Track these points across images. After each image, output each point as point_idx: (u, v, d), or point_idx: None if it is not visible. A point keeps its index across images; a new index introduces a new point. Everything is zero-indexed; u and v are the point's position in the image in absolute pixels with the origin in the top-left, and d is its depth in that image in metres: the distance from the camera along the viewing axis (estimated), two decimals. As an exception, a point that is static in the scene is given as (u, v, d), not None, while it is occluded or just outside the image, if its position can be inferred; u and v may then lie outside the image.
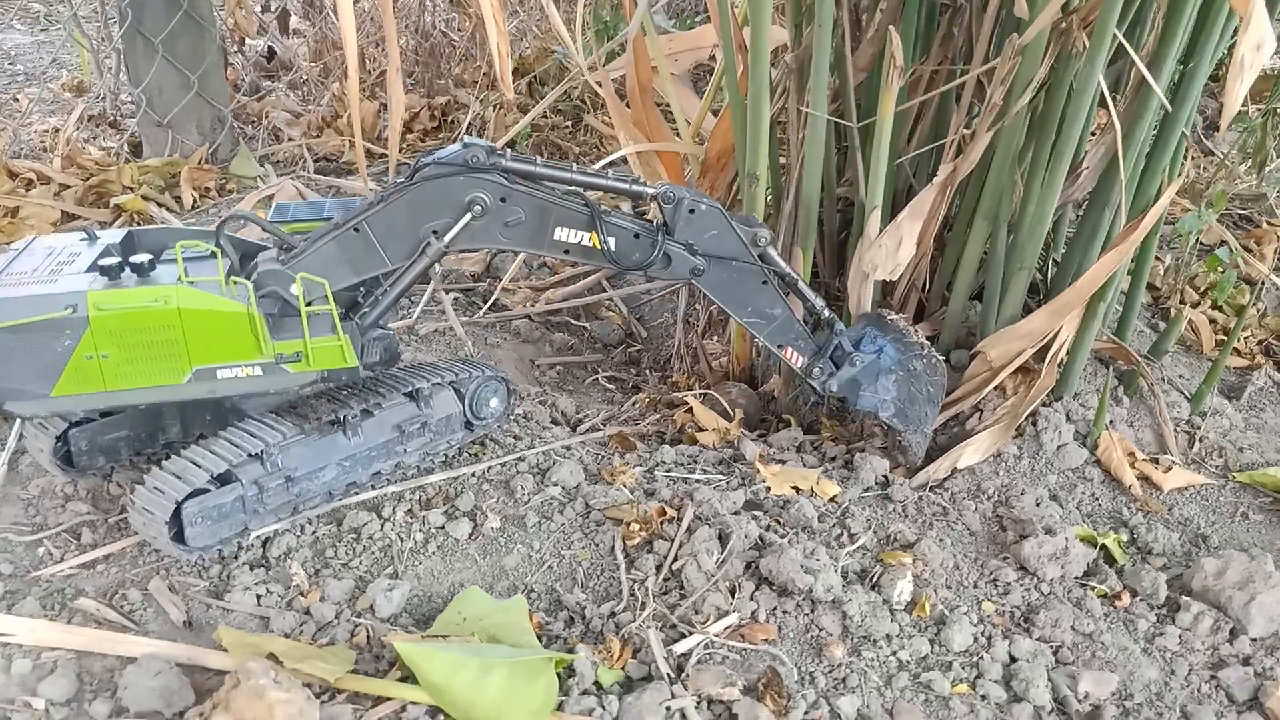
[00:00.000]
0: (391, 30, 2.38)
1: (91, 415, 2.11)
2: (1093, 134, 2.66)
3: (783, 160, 2.80)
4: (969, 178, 2.51)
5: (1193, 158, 3.88)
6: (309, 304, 1.94)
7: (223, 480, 1.94)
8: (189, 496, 1.88)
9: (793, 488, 2.25)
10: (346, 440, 2.09)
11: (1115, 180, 2.40)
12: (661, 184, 2.14)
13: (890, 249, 2.48)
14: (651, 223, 2.17)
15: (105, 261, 1.86)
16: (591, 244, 2.12)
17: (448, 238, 2.02)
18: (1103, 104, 2.28)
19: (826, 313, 2.35)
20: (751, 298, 2.27)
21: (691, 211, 2.14)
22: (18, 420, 2.29)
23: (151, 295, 1.84)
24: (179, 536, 1.91)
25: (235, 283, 1.89)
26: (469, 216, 2.01)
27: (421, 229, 2.02)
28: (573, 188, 2.12)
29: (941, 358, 2.43)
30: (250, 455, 1.94)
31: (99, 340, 1.82)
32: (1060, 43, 2.29)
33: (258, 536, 2.02)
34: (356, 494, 2.15)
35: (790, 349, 2.34)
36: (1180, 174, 2.45)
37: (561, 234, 2.10)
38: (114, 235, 2.06)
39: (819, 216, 2.62)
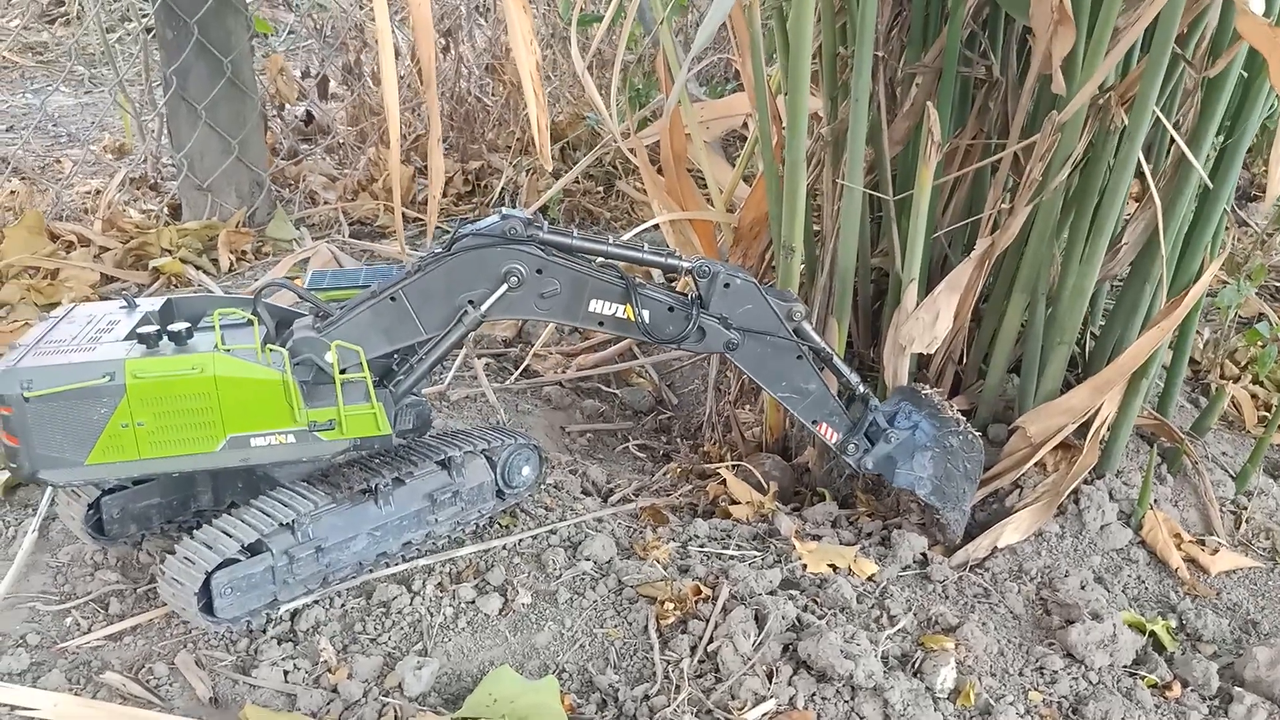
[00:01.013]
0: (434, 102, 2.40)
1: (124, 483, 2.11)
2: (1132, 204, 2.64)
3: (816, 230, 2.80)
4: (1005, 250, 2.50)
5: (1229, 229, 3.84)
6: (343, 371, 1.94)
7: (253, 550, 1.92)
8: (219, 567, 1.86)
9: (830, 565, 2.20)
10: (378, 509, 2.07)
11: (1155, 254, 2.37)
12: (697, 258, 2.13)
13: (927, 322, 2.45)
14: (685, 296, 2.16)
15: (143, 330, 1.87)
16: (626, 316, 2.11)
17: (484, 308, 2.02)
18: (1141, 178, 2.27)
19: (861, 388, 2.32)
20: (786, 372, 2.25)
21: (726, 286, 2.13)
22: (49, 487, 2.29)
23: (188, 364, 1.84)
24: (208, 607, 1.89)
25: (270, 350, 1.89)
26: (505, 287, 2.01)
27: (458, 299, 2.02)
28: (608, 260, 2.12)
29: (978, 434, 2.39)
30: (281, 524, 1.93)
31: (135, 408, 1.82)
32: (1099, 119, 2.29)
33: (286, 609, 2.00)
34: (387, 565, 2.12)
35: (825, 425, 2.31)
36: (1221, 249, 2.42)
37: (596, 306, 2.10)
38: (153, 303, 2.07)
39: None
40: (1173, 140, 2.29)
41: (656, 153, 3.38)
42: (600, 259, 2.11)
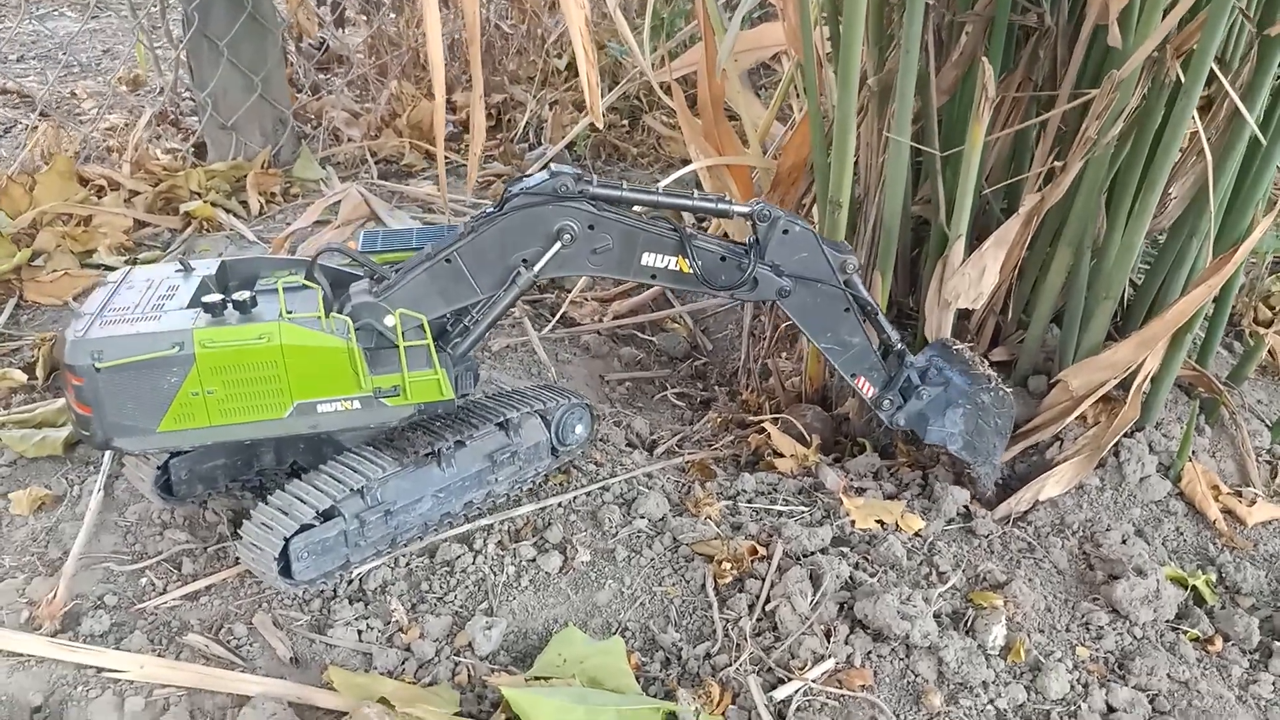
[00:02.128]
0: (477, 56, 2.38)
1: None
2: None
3: (855, 178, 2.79)
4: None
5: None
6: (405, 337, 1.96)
7: (326, 516, 1.97)
8: (296, 533, 1.91)
9: (877, 521, 2.25)
10: (441, 472, 2.12)
11: (1204, 209, 2.37)
12: (757, 202, 2.14)
13: (973, 278, 2.47)
14: (736, 245, 2.17)
15: (208, 299, 1.89)
16: (679, 268, 2.13)
17: (538, 267, 2.03)
18: (1192, 132, 2.25)
19: (899, 345, 2.34)
20: (833, 323, 2.27)
21: (785, 232, 2.14)
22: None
23: (255, 333, 1.87)
24: (285, 570, 1.95)
25: (335, 318, 1.91)
26: (558, 245, 2.02)
27: (511, 258, 2.04)
28: (658, 210, 2.12)
29: (1008, 390, 2.42)
30: (352, 490, 1.98)
31: (204, 377, 1.85)
32: (1153, 72, 2.27)
33: (356, 572, 2.06)
34: (450, 525, 2.18)
35: (863, 378, 2.33)
36: (1275, 205, 2.42)
37: (649, 259, 2.11)
38: (208, 266, 2.09)
39: (895, 237, 2.60)
40: (1226, 94, 2.27)
41: (685, 87, 3.35)
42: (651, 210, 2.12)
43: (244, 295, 1.91)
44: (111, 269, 3.23)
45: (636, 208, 2.13)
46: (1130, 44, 2.21)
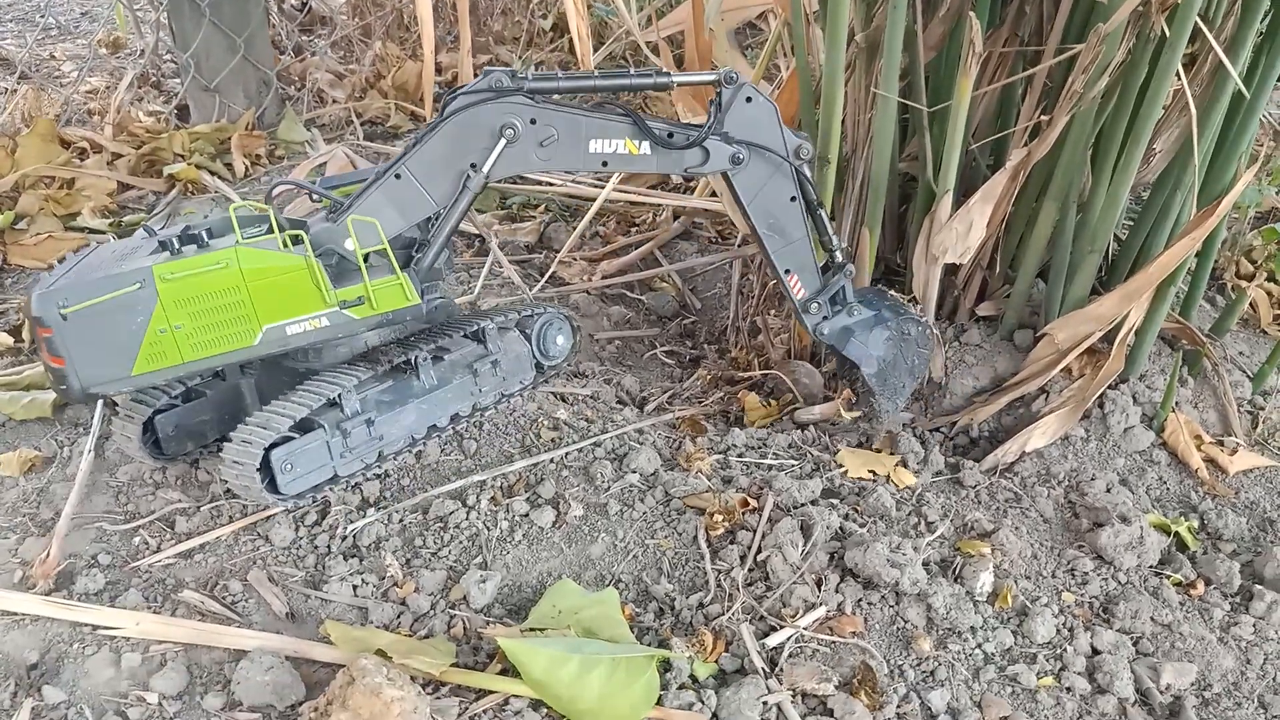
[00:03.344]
0: (465, 16, 2.36)
1: (174, 400, 2.17)
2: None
3: (842, 138, 2.79)
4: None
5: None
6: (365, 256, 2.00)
7: (305, 427, 2.01)
8: (277, 444, 1.96)
9: (870, 472, 2.28)
10: (419, 382, 2.16)
11: (1188, 163, 2.38)
12: (725, 69, 2.14)
13: (960, 232, 2.48)
14: (686, 125, 2.17)
15: (164, 237, 1.92)
16: (628, 151, 2.13)
17: (486, 167, 2.05)
18: (1176, 85, 2.26)
19: (839, 255, 2.33)
20: (777, 210, 2.26)
21: (749, 100, 2.14)
22: (99, 405, 2.33)
23: (214, 259, 1.90)
24: (272, 486, 1.99)
25: (293, 238, 1.94)
26: (503, 142, 2.04)
27: (460, 163, 2.06)
28: (607, 102, 2.13)
29: (937, 331, 2.45)
30: (329, 401, 2.02)
31: (169, 312, 1.88)
32: (1138, 26, 2.27)
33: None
34: (439, 436, 2.24)
35: (796, 278, 2.33)
36: (1257, 159, 2.43)
37: (597, 145, 2.11)
38: (172, 230, 2.09)
39: (881, 193, 2.61)
40: (1210, 48, 2.28)
41: (672, 47, 3.33)
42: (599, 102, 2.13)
43: (199, 232, 1.94)
44: (97, 232, 3.22)
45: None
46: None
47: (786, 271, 2.32)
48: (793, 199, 2.25)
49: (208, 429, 2.25)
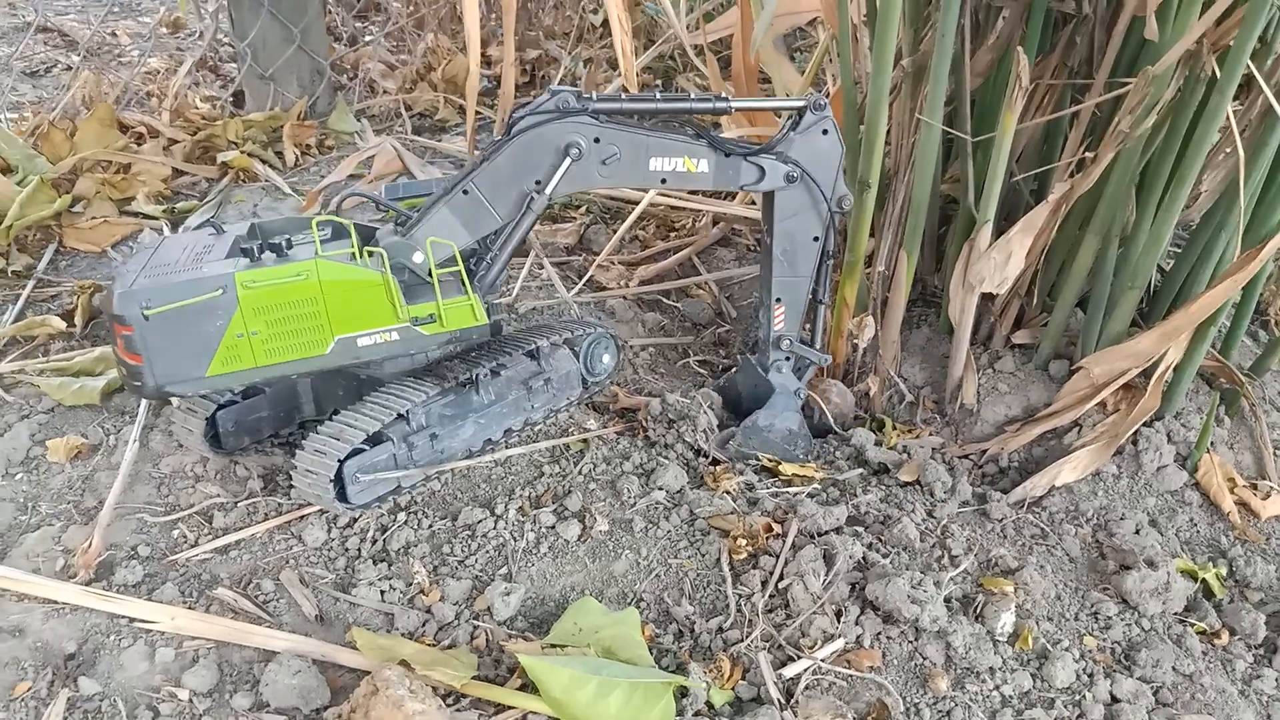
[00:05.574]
0: (510, 23, 2.38)
1: (235, 397, 2.24)
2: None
3: (885, 157, 2.78)
4: (1081, 191, 2.49)
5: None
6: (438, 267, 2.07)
7: (375, 440, 2.08)
8: (349, 456, 2.02)
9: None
10: (479, 397, 2.24)
11: (1234, 204, 2.36)
12: (813, 94, 2.23)
13: (999, 262, 2.47)
14: (738, 141, 2.26)
15: (245, 245, 1.97)
16: (687, 169, 2.22)
17: (550, 186, 2.12)
18: (1225, 126, 2.23)
19: (815, 355, 2.52)
20: (798, 242, 2.37)
21: (825, 132, 2.25)
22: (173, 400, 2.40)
23: (293, 271, 1.96)
24: (341, 494, 2.05)
25: (369, 253, 2.00)
26: (568, 161, 2.11)
27: (525, 181, 2.12)
28: (673, 121, 2.21)
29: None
30: (398, 415, 2.09)
31: (248, 318, 1.94)
32: (1188, 65, 2.25)
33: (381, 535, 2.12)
34: (493, 450, 2.32)
35: (783, 310, 2.44)
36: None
37: (657, 164, 2.20)
38: (239, 228, 2.15)
39: (921, 215, 2.61)
40: (1260, 89, 2.24)
41: (720, 48, 3.32)
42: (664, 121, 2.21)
43: (279, 240, 2.00)
44: (150, 218, 3.29)
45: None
46: (1167, 37, 2.20)
47: (777, 300, 2.42)
48: (815, 239, 2.34)
49: (264, 425, 2.33)
